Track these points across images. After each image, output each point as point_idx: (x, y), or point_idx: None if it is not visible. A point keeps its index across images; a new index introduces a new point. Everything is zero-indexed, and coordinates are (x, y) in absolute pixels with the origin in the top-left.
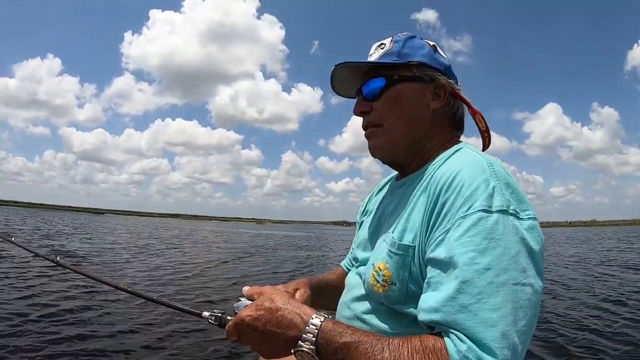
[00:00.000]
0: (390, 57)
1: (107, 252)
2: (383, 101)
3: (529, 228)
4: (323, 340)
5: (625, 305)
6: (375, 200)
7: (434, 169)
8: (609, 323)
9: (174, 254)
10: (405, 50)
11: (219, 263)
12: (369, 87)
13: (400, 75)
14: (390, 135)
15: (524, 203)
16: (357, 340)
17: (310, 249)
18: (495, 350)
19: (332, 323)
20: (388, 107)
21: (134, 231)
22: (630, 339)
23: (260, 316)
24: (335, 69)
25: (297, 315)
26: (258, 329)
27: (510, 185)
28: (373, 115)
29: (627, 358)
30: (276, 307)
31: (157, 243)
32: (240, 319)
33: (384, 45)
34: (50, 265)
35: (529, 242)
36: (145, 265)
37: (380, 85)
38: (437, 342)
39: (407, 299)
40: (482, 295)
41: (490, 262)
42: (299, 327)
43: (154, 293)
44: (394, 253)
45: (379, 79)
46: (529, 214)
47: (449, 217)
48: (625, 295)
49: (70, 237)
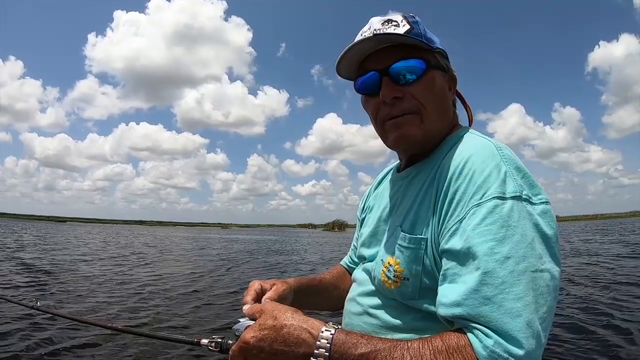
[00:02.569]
0: (419, 39)
1: (80, 265)
2: (422, 86)
3: (542, 213)
4: (337, 354)
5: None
6: (375, 195)
7: (440, 157)
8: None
9: (148, 269)
10: (428, 34)
11: (201, 275)
12: (404, 67)
13: (434, 60)
14: (427, 124)
15: (536, 187)
16: (375, 350)
17: (290, 253)
18: (521, 340)
19: (344, 334)
20: (427, 93)
21: (103, 240)
22: (575, 320)
23: (265, 336)
24: (355, 44)
25: (304, 330)
26: (265, 350)
27: (521, 170)
28: (409, 101)
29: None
30: (281, 325)
31: (129, 255)
32: (244, 342)
33: (396, 22)
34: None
35: (543, 228)
36: (121, 289)
37: (421, 68)
38: (460, 340)
39: (421, 293)
40: (505, 285)
41: (510, 250)
42: (308, 344)
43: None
44: (405, 247)
45: (418, 61)
46: (541, 198)
47: (462, 205)
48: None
49: (40, 251)
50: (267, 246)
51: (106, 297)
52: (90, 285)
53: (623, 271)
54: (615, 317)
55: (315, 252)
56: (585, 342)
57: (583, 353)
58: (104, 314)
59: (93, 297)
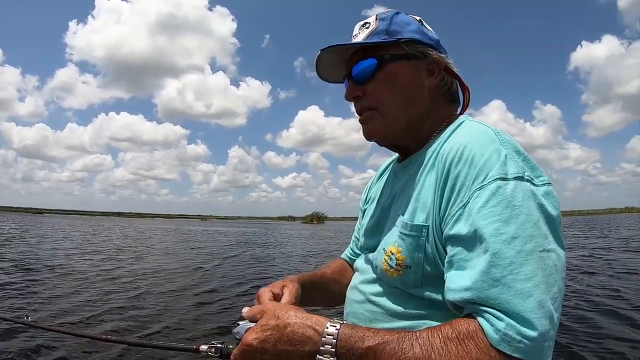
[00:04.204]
0: (378, 37)
1: (61, 261)
2: (376, 83)
3: (545, 194)
4: (344, 349)
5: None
6: (377, 186)
7: (439, 145)
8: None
9: (134, 266)
10: (393, 27)
11: (189, 272)
12: (358, 69)
13: (391, 54)
14: (387, 117)
15: (537, 169)
16: (382, 342)
17: (274, 246)
18: (534, 321)
19: (349, 328)
20: (382, 89)
21: (83, 234)
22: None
23: (268, 337)
24: (321, 54)
25: (309, 328)
26: (268, 351)
27: (521, 153)
28: (367, 98)
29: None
30: (284, 324)
31: (112, 250)
32: (246, 345)
33: (368, 24)
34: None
35: (548, 208)
36: (107, 291)
37: (371, 66)
38: (470, 325)
39: (424, 281)
40: (514, 265)
41: (516, 230)
42: (314, 341)
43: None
44: (407, 235)
45: (369, 60)
46: (543, 179)
47: (464, 190)
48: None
49: (20, 245)
50: (250, 238)
51: (92, 300)
52: (74, 285)
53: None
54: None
55: (297, 244)
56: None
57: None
58: (92, 320)
59: (78, 300)
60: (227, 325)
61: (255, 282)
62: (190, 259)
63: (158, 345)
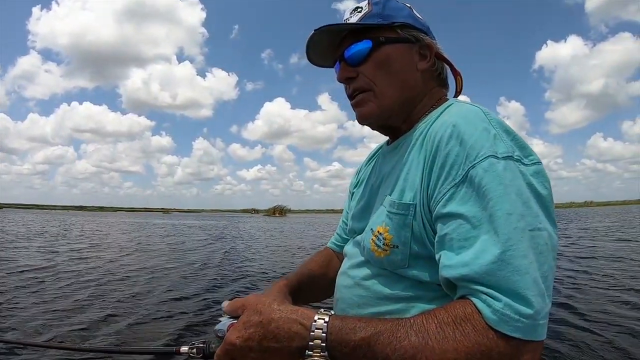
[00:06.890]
0: (372, 19)
1: (18, 263)
2: (371, 64)
3: (534, 173)
4: (335, 342)
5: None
6: (366, 170)
7: (427, 125)
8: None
9: (98, 264)
10: (387, 11)
11: (161, 269)
12: (353, 50)
13: (386, 36)
14: (381, 99)
15: (526, 148)
16: (376, 332)
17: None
18: (530, 298)
19: (339, 320)
20: (377, 71)
21: (44, 230)
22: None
23: (252, 334)
24: (314, 34)
25: (294, 322)
26: (254, 349)
27: (510, 132)
28: (360, 80)
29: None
30: (268, 319)
31: (73, 248)
32: (229, 344)
33: (360, 8)
34: None
35: (537, 187)
36: (72, 294)
37: (366, 48)
38: (466, 308)
39: (411, 261)
40: (511, 241)
41: (510, 207)
42: (302, 336)
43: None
44: (394, 213)
45: (365, 42)
46: (533, 159)
47: (455, 168)
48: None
49: None
50: (214, 232)
51: (59, 307)
52: (36, 291)
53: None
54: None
55: (262, 238)
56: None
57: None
58: (61, 329)
59: (45, 308)
60: (209, 321)
61: (222, 277)
62: (160, 255)
63: (135, 351)
